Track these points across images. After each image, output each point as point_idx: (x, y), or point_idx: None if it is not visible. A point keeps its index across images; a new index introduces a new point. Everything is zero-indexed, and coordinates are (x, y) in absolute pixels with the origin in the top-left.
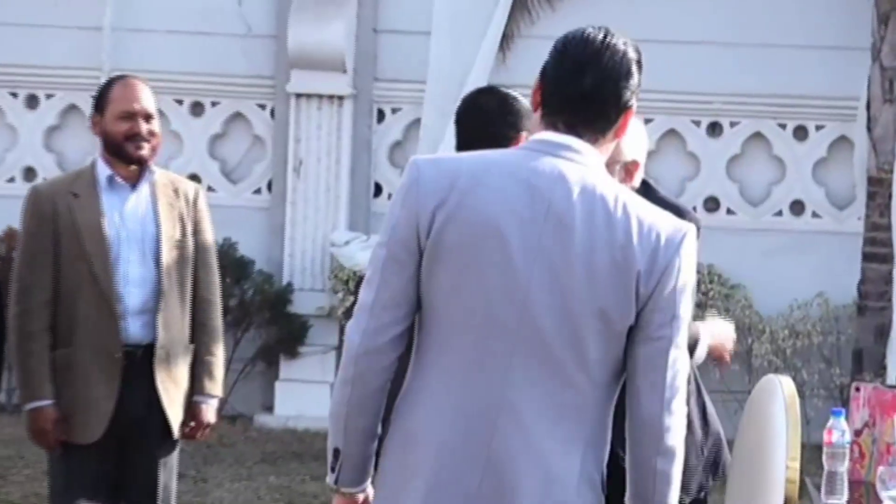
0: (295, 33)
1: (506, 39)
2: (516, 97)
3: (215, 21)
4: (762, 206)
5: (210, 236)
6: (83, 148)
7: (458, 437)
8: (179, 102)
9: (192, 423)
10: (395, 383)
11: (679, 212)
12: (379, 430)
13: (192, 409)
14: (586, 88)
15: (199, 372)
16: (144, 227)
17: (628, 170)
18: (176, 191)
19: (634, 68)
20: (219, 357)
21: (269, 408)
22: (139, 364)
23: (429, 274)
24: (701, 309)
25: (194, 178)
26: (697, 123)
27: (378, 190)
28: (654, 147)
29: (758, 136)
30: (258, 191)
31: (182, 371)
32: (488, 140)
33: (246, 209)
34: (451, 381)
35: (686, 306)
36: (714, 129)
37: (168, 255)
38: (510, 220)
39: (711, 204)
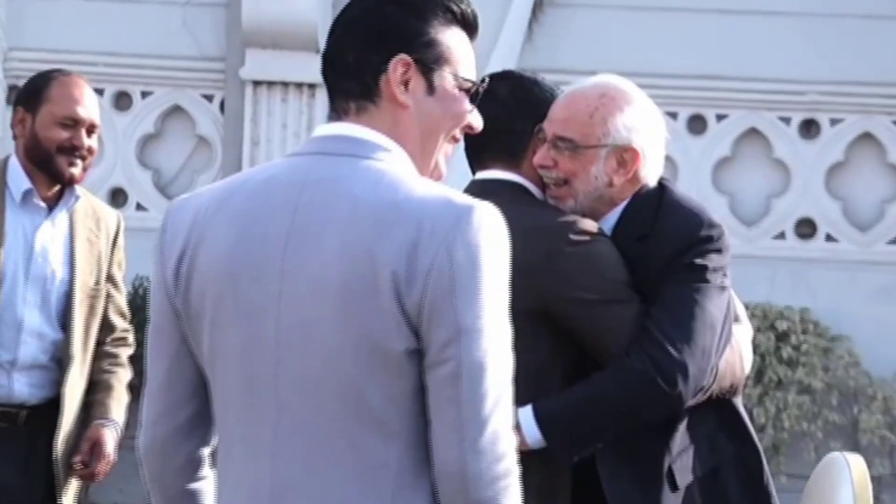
0: (251, 2)
1: (534, 9)
2: (536, 80)
3: None
4: (873, 232)
5: (120, 278)
6: None
7: None
8: (98, 93)
9: (88, 454)
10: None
11: (703, 224)
12: None
13: (90, 434)
14: (329, 53)
15: (101, 397)
16: (53, 267)
17: (621, 159)
18: (97, 222)
19: (399, 16)
20: (124, 383)
21: None
22: (20, 427)
23: (194, 343)
24: (791, 368)
25: (118, 193)
26: (787, 121)
27: None
28: (730, 152)
29: (867, 137)
30: None
31: (75, 442)
32: (504, 137)
33: None
34: (231, 468)
35: (484, 312)
36: (809, 128)
37: (79, 308)
38: (248, 251)
39: (805, 228)
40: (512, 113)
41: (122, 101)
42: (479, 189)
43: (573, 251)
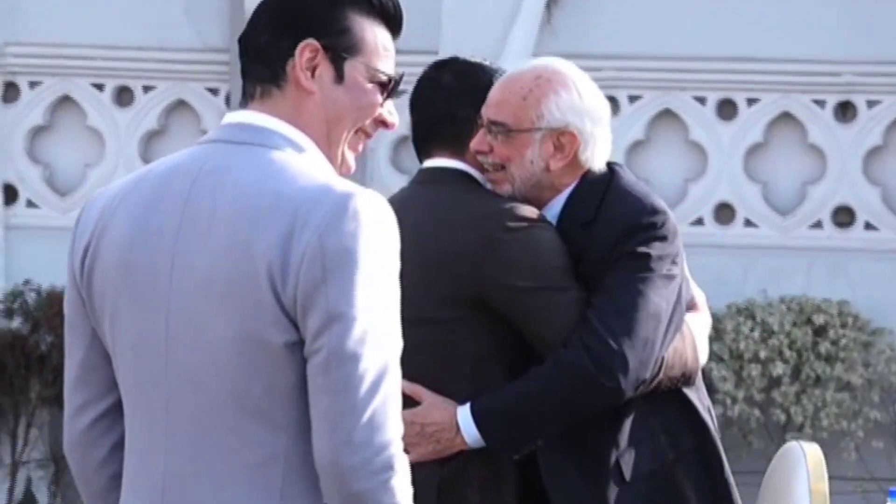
0: None
1: None
2: (482, 66)
3: None
4: None
5: None
6: None
7: None
8: (99, 88)
9: None
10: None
11: (645, 210)
12: None
13: None
14: (244, 36)
15: None
16: None
17: (558, 143)
18: None
19: (312, 2)
20: None
21: None
22: None
23: (100, 334)
24: (829, 364)
25: None
26: (821, 104)
27: None
28: (762, 138)
29: None
30: None
31: None
32: (447, 124)
33: None
34: (129, 461)
35: (359, 301)
36: (845, 111)
37: None
38: (143, 243)
39: (843, 216)
40: (454, 100)
41: (123, 96)
42: (423, 177)
43: (508, 238)
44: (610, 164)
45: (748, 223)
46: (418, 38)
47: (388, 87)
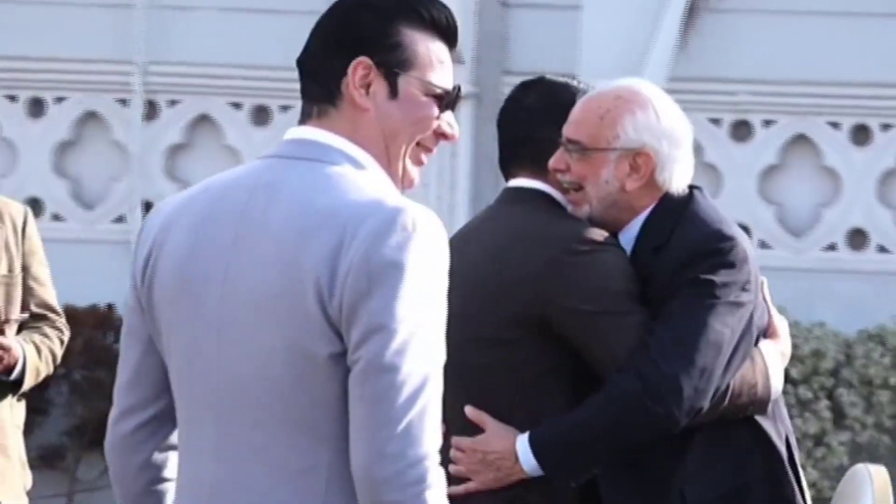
0: None
1: (689, 14)
2: (569, 86)
3: None
4: None
5: (44, 273)
6: (106, 171)
7: None
8: (236, 107)
9: None
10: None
11: (712, 235)
12: None
13: None
14: (301, 56)
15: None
16: None
17: (634, 163)
18: (0, 216)
19: (364, 18)
20: (46, 345)
21: None
22: None
23: (157, 344)
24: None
25: None
26: (836, 126)
27: None
28: (777, 160)
29: None
30: None
31: (10, 441)
32: (528, 145)
33: None
34: (182, 467)
35: (404, 314)
36: (860, 134)
37: None
38: (199, 255)
39: (857, 238)
40: (536, 120)
41: (259, 115)
42: (504, 197)
43: (572, 260)
44: (691, 188)
45: (882, 249)
46: (556, 62)
47: (445, 100)
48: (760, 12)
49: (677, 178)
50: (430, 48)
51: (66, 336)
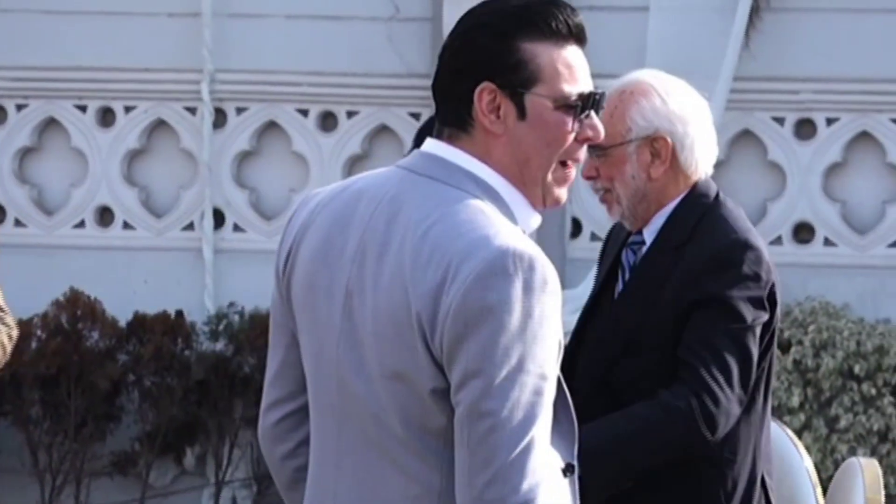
0: (453, 14)
1: (751, 13)
2: None
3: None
4: None
5: None
6: (176, 179)
7: None
8: (303, 113)
9: None
10: None
11: (737, 244)
12: None
13: None
14: (434, 79)
15: None
16: None
17: (653, 150)
18: None
19: (483, 40)
20: None
21: None
22: None
23: (298, 337)
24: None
25: None
26: None
27: (577, 228)
28: (840, 158)
29: None
30: None
31: None
32: None
33: None
34: (311, 469)
35: (509, 359)
36: None
37: None
38: (325, 262)
39: None
40: None
41: (327, 121)
42: None
43: None
44: (717, 193)
45: None
46: (623, 64)
47: (581, 106)
48: (821, 11)
49: (701, 157)
50: (553, 58)
51: (15, 334)
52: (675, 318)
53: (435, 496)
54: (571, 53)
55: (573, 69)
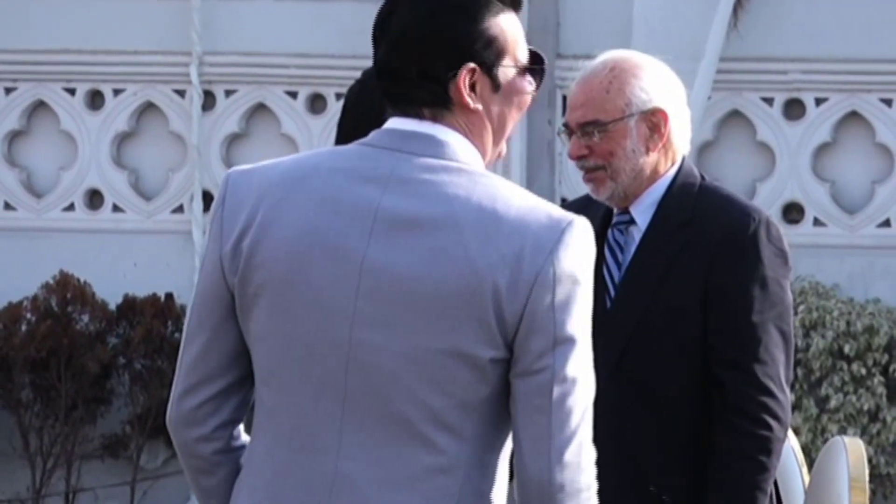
0: None
1: None
2: None
3: None
4: None
5: None
6: (164, 162)
7: None
8: (292, 95)
9: None
10: None
11: (750, 217)
12: None
13: None
14: (389, 63)
15: None
16: None
17: (651, 123)
18: None
19: (460, 24)
20: None
21: None
22: None
23: (244, 319)
24: None
25: None
26: (888, 102)
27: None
28: (830, 138)
29: None
30: None
31: None
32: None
33: None
34: (279, 453)
35: (579, 325)
36: None
37: None
38: (325, 240)
39: None
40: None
41: (316, 103)
42: None
43: None
44: (702, 175)
45: None
46: (609, 45)
47: (531, 61)
48: None
49: (685, 133)
50: (511, 27)
51: None
52: (695, 298)
53: (462, 469)
54: (515, 19)
55: (521, 34)
